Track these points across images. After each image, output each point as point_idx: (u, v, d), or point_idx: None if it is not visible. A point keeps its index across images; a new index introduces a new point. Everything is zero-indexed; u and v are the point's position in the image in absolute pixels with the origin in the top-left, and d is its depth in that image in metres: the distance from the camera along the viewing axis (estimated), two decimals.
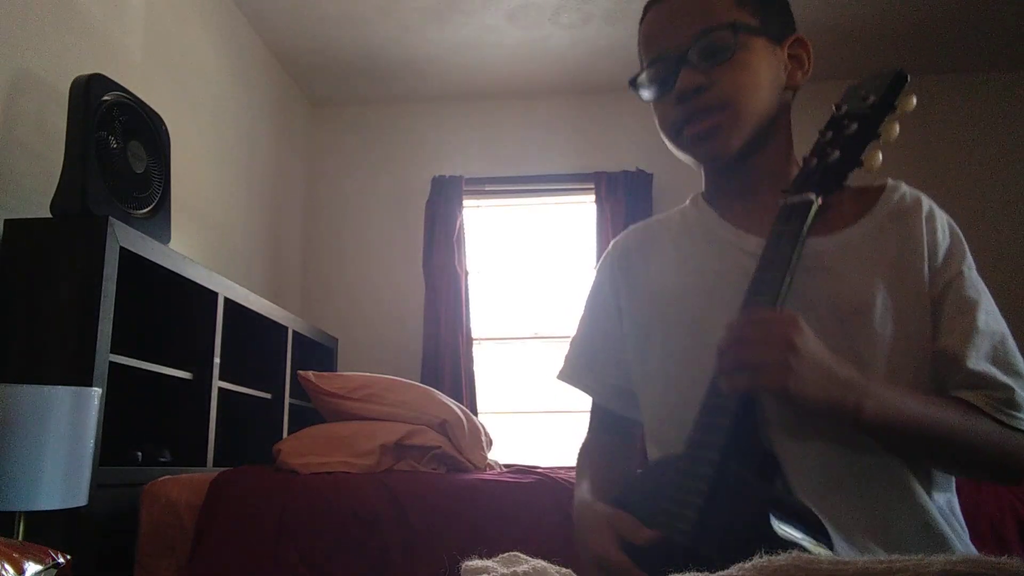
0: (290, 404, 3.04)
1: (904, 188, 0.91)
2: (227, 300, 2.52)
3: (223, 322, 2.48)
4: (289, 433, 2.78)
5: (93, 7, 2.34)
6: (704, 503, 0.72)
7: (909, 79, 0.82)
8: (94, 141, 1.92)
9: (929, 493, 0.81)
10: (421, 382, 3.26)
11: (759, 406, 0.79)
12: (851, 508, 0.78)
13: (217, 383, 2.42)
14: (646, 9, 0.95)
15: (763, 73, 0.89)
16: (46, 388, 1.47)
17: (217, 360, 2.42)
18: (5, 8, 1.99)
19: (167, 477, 2.02)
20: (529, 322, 3.99)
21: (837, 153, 0.79)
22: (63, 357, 1.79)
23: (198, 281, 2.32)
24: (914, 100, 0.81)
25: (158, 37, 2.71)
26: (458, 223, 3.89)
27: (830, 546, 0.70)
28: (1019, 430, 0.77)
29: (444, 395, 2.39)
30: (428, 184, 3.98)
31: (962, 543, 0.81)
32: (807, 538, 0.69)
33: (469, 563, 0.51)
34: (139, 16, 2.60)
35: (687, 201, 1.02)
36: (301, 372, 2.43)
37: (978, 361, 0.79)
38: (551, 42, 3.59)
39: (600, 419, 1.06)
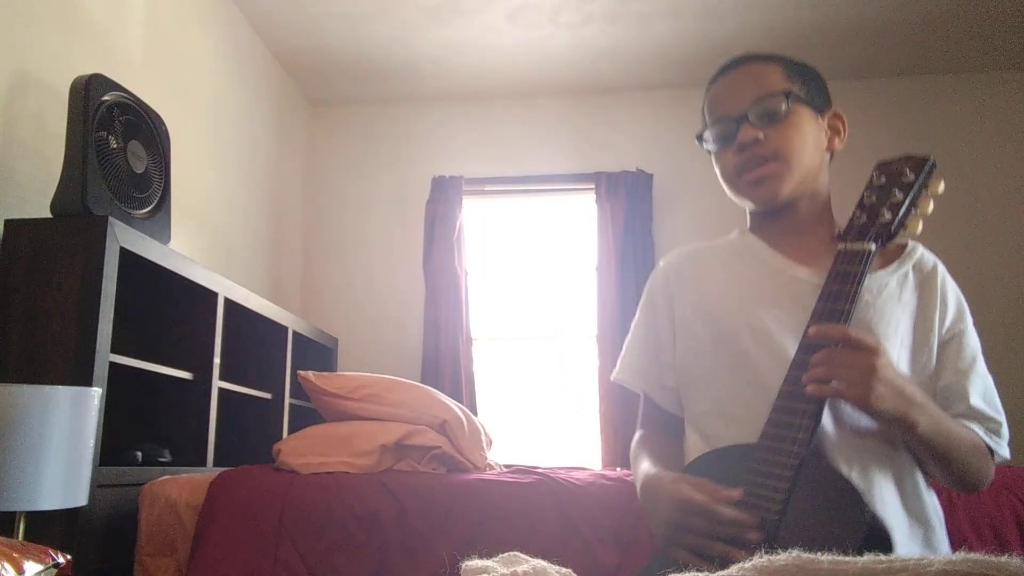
0: (290, 404, 3.04)
1: (922, 249, 1.13)
2: (227, 300, 2.52)
3: (223, 322, 2.48)
4: (289, 433, 2.78)
5: (93, 7, 2.34)
6: (789, 487, 0.87)
7: (937, 166, 1.00)
8: (94, 141, 1.92)
9: (927, 490, 1.04)
10: (421, 382, 3.26)
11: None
12: (885, 492, 0.98)
13: (217, 383, 2.42)
14: (713, 79, 1.18)
15: (808, 135, 1.09)
16: (46, 388, 1.47)
17: (217, 360, 2.42)
18: (5, 8, 1.99)
19: (167, 477, 2.01)
20: (529, 322, 3.99)
21: (889, 215, 0.98)
22: (63, 357, 1.79)
23: (198, 281, 2.32)
24: (942, 185, 0.99)
25: (158, 37, 2.71)
26: (458, 223, 3.89)
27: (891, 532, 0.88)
28: (996, 454, 1.01)
29: (444, 395, 2.39)
30: (428, 184, 3.98)
31: (940, 533, 1.02)
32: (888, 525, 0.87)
33: (469, 563, 0.51)
34: (139, 16, 2.60)
35: (733, 233, 1.22)
36: (301, 372, 2.43)
37: (977, 399, 1.02)
38: (551, 42, 3.59)
39: (650, 415, 1.22)
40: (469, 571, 0.50)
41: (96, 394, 1.57)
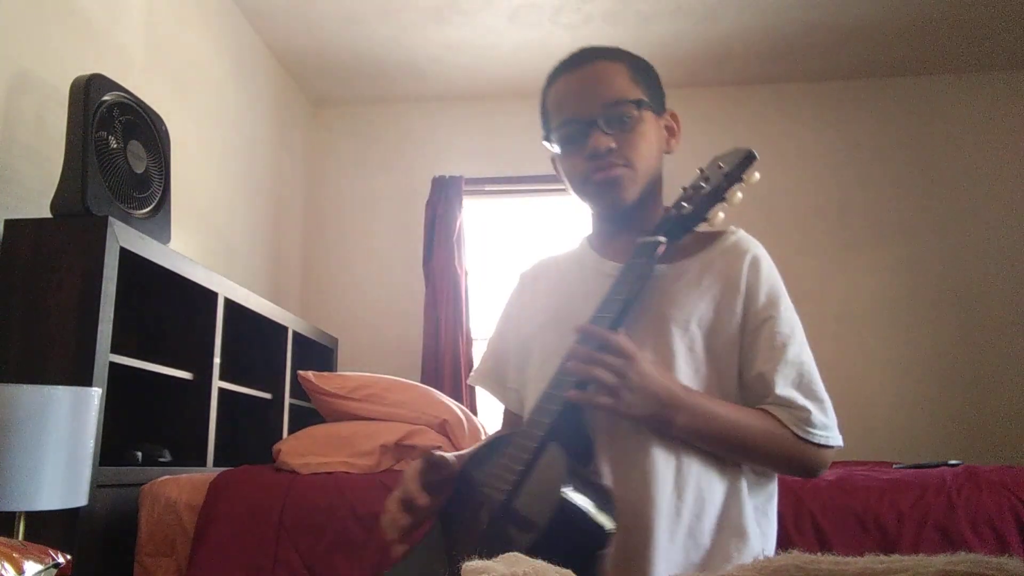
0: (290, 404, 3.04)
1: (739, 235, 1.11)
2: (227, 300, 2.52)
3: (223, 322, 2.48)
4: (289, 433, 2.78)
5: (93, 7, 2.34)
6: (523, 469, 0.88)
7: (757, 158, 0.98)
8: (94, 141, 1.92)
9: (740, 493, 1.00)
10: (421, 382, 3.26)
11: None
12: (666, 495, 0.96)
13: (217, 383, 2.42)
14: (556, 74, 1.14)
15: (653, 139, 1.09)
16: (46, 388, 1.47)
17: (217, 360, 2.42)
18: (5, 8, 1.99)
19: (167, 477, 2.01)
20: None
21: (690, 209, 0.98)
22: (63, 357, 1.79)
23: (198, 281, 2.32)
24: (757, 175, 0.98)
25: (158, 37, 2.71)
26: (458, 223, 3.89)
27: (613, 518, 0.85)
28: (810, 442, 0.98)
29: (444, 395, 2.39)
30: (428, 184, 3.98)
31: (762, 544, 1.00)
32: (592, 505, 0.84)
33: (469, 563, 0.51)
34: (139, 16, 2.60)
35: (580, 241, 1.24)
36: (301, 372, 2.44)
37: (785, 387, 1.00)
38: (551, 42, 3.59)
39: (505, 417, 1.27)
40: (469, 571, 0.50)
41: (96, 394, 1.57)
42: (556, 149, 1.13)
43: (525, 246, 4.08)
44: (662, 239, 0.98)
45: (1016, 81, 3.83)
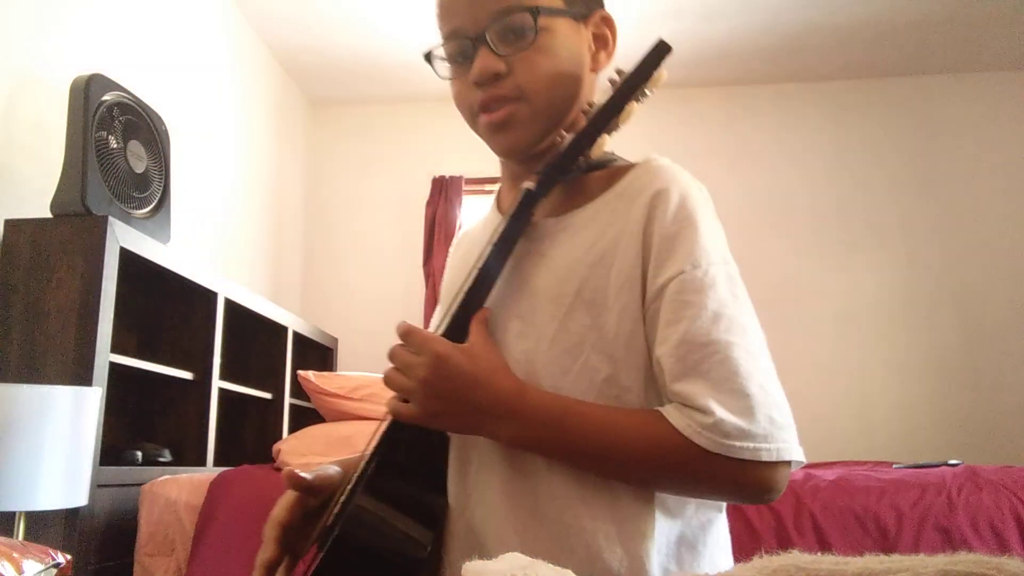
0: (290, 404, 3.04)
1: (653, 164, 0.79)
2: (227, 300, 2.52)
3: (223, 322, 2.48)
4: (289, 433, 2.78)
5: (93, 7, 2.34)
6: (352, 487, 0.76)
7: (670, 49, 0.72)
8: (94, 141, 1.92)
9: (640, 525, 0.72)
10: None
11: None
12: (531, 524, 0.73)
13: (217, 383, 2.42)
14: None
15: (565, 58, 0.80)
16: (46, 388, 1.48)
17: (217, 360, 2.42)
18: (5, 8, 1.99)
19: (167, 477, 2.01)
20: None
21: (569, 139, 0.74)
22: (63, 357, 1.79)
23: (198, 281, 2.32)
24: (665, 74, 0.72)
25: (158, 37, 2.71)
26: (458, 223, 3.89)
27: (428, 538, 0.73)
28: (724, 456, 0.66)
29: None
30: (428, 184, 3.98)
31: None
32: (396, 522, 0.72)
33: (469, 563, 0.51)
34: (139, 16, 2.60)
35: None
36: (301, 372, 2.44)
37: (681, 377, 0.69)
38: None
39: None
40: (469, 571, 0.50)
41: (96, 394, 1.57)
42: (440, 72, 0.86)
43: None
44: (529, 185, 0.74)
45: (1016, 81, 3.83)
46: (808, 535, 1.75)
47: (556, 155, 0.75)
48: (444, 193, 3.92)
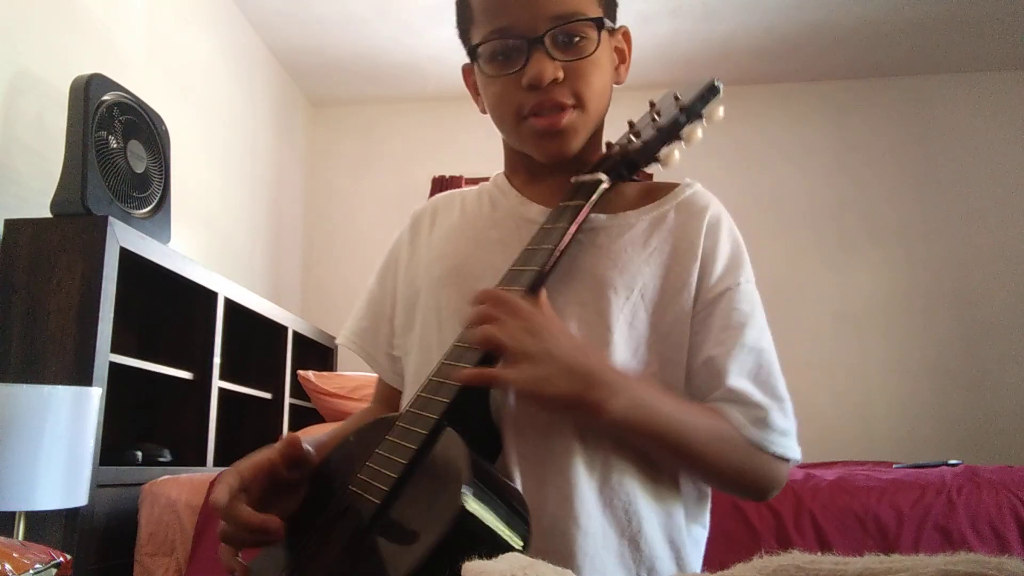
0: (290, 404, 3.04)
1: (697, 188, 0.87)
2: (227, 300, 2.52)
3: (223, 322, 2.48)
4: (289, 433, 2.78)
5: (93, 7, 2.34)
6: (406, 465, 0.65)
7: (721, 90, 0.80)
8: (94, 141, 1.92)
9: (679, 511, 0.78)
10: None
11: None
12: (590, 509, 0.74)
13: (217, 383, 2.42)
14: None
15: (608, 71, 0.84)
16: (46, 388, 1.47)
17: (217, 360, 2.42)
18: (5, 8, 1.99)
19: (167, 477, 2.01)
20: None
21: (639, 145, 0.78)
22: (63, 357, 1.79)
23: (198, 281, 2.32)
24: (722, 111, 0.79)
25: (158, 37, 2.71)
26: None
27: (525, 534, 0.64)
28: (766, 451, 0.75)
29: None
30: (428, 184, 3.98)
31: (688, 558, 0.78)
32: (498, 517, 0.62)
33: (469, 563, 0.51)
34: (139, 16, 2.60)
35: (495, 175, 0.97)
36: (301, 372, 2.44)
37: (739, 378, 0.76)
38: None
39: (377, 391, 0.99)
40: (469, 571, 0.50)
41: (96, 394, 1.57)
42: (484, 69, 0.83)
43: None
44: (603, 177, 0.77)
45: (1016, 81, 3.83)
46: (808, 535, 1.75)
47: (623, 155, 0.79)
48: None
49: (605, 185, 0.77)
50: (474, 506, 0.60)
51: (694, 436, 0.73)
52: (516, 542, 0.62)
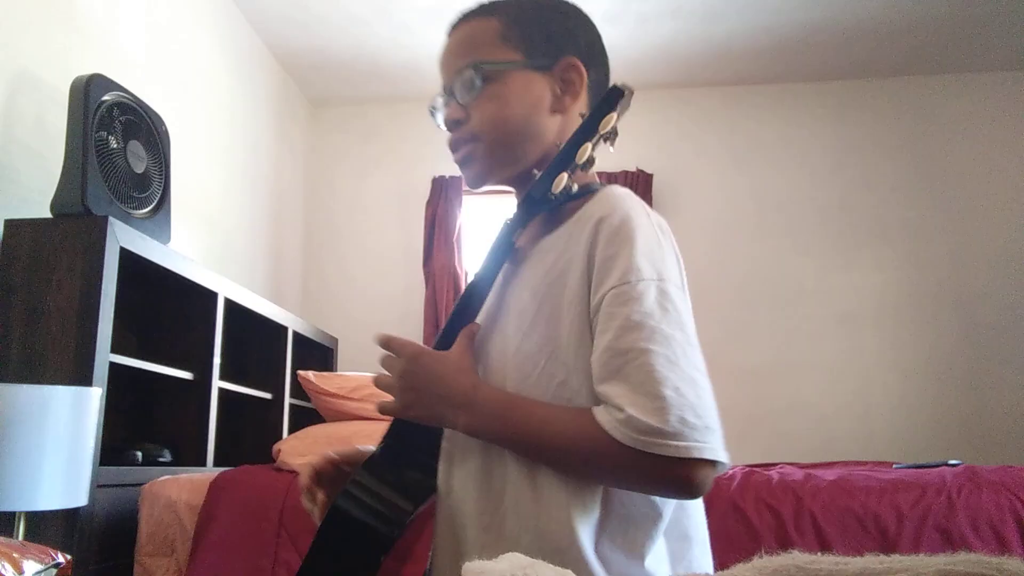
0: (290, 404, 3.04)
1: (605, 193, 0.88)
2: (227, 300, 2.52)
3: (223, 322, 2.48)
4: (289, 433, 2.78)
5: (93, 7, 2.34)
6: (362, 473, 0.88)
7: (624, 93, 0.82)
8: (94, 141, 1.92)
9: (576, 515, 0.79)
10: None
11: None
12: (493, 506, 0.85)
13: (217, 383, 2.42)
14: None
15: (512, 102, 0.92)
16: (46, 388, 1.48)
17: (217, 360, 2.42)
18: (5, 8, 1.99)
19: (167, 477, 2.02)
20: None
21: (536, 175, 0.85)
22: (63, 357, 1.79)
23: (198, 281, 2.32)
24: (615, 117, 0.82)
25: (158, 37, 2.71)
26: (458, 223, 3.89)
27: (403, 519, 0.84)
28: (641, 451, 0.73)
29: None
30: (428, 184, 3.98)
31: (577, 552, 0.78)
32: (370, 506, 0.84)
33: (469, 563, 0.51)
34: (139, 16, 2.60)
35: None
36: (301, 372, 2.44)
37: (603, 381, 0.77)
38: None
39: None
40: (469, 571, 0.50)
41: (96, 394, 1.57)
42: (436, 121, 1.02)
43: None
44: (509, 217, 0.87)
45: (1016, 81, 3.83)
46: (808, 535, 1.75)
47: (528, 190, 0.85)
48: (444, 193, 3.92)
49: (507, 222, 0.87)
50: (341, 500, 0.84)
51: (554, 440, 0.80)
52: (382, 528, 0.82)
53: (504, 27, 0.93)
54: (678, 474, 0.74)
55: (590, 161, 0.83)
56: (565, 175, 0.83)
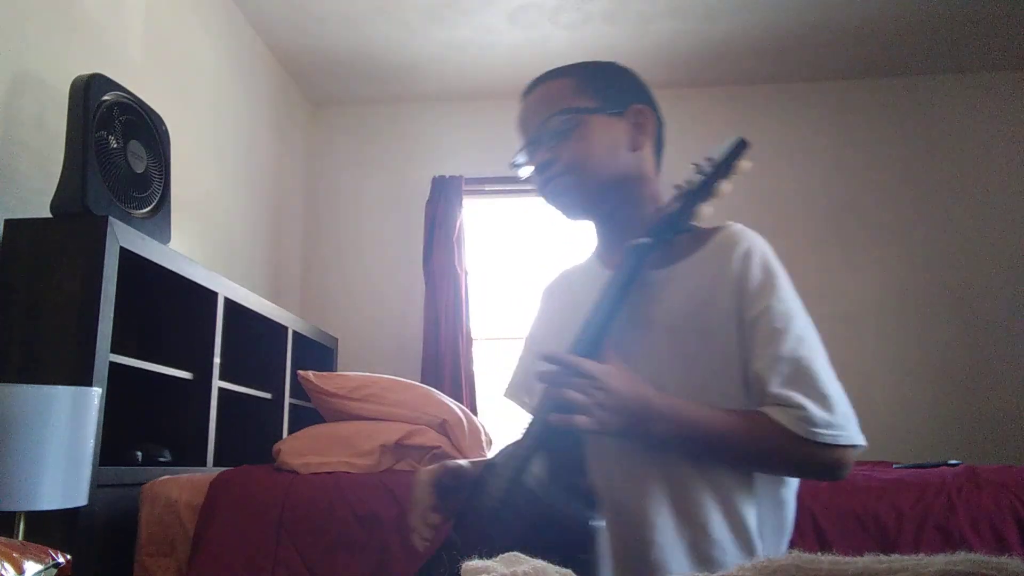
0: (290, 404, 3.04)
1: (734, 228, 1.06)
2: (227, 300, 2.52)
3: (223, 322, 2.48)
4: (289, 433, 2.78)
5: (93, 7, 2.34)
6: (512, 477, 0.93)
7: (748, 145, 0.99)
8: (94, 141, 1.92)
9: (742, 501, 0.97)
10: (421, 382, 3.26)
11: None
12: (660, 508, 0.97)
13: (217, 383, 2.42)
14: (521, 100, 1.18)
15: (600, 141, 1.08)
16: (46, 388, 1.47)
17: (217, 360, 2.42)
18: (5, 8, 1.99)
19: (167, 477, 2.01)
20: (529, 322, 3.98)
21: (676, 207, 0.98)
22: (63, 357, 1.79)
23: (198, 281, 2.32)
24: (748, 164, 0.99)
25: (158, 37, 2.71)
26: (458, 223, 3.89)
27: (593, 521, 0.86)
28: (816, 442, 0.91)
29: (444, 395, 2.39)
30: (428, 184, 3.98)
31: (769, 553, 0.95)
32: (571, 507, 0.87)
33: (469, 563, 0.51)
34: (139, 16, 2.60)
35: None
36: (301, 372, 2.43)
37: (778, 384, 0.94)
38: (551, 42, 3.59)
39: None
40: (469, 571, 0.50)
41: (96, 394, 1.57)
42: (521, 174, 1.17)
43: (525, 246, 4.08)
44: (647, 240, 0.97)
45: (1016, 81, 3.83)
46: (808, 535, 1.75)
47: (665, 218, 0.98)
48: (444, 193, 3.92)
49: (648, 244, 0.97)
50: (551, 500, 0.89)
51: (733, 439, 0.94)
52: (589, 526, 0.85)
53: (578, 83, 1.11)
54: (839, 458, 0.93)
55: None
56: (707, 207, 0.97)
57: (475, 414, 3.08)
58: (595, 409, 0.90)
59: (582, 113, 1.08)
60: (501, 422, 3.68)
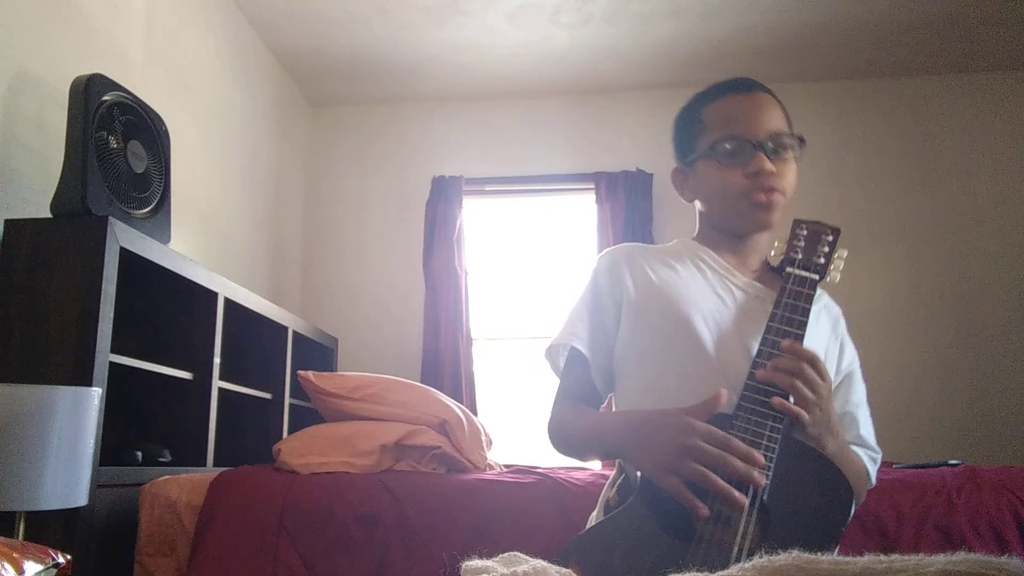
0: (290, 404, 3.04)
1: (827, 296, 1.33)
2: (227, 300, 2.52)
3: (223, 322, 2.48)
4: (289, 433, 2.78)
5: (93, 7, 2.34)
6: (775, 457, 1.00)
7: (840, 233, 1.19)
8: (94, 141, 1.92)
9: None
10: (421, 382, 3.26)
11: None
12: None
13: (217, 383, 2.42)
14: (719, 92, 1.24)
15: (796, 174, 1.25)
16: (46, 388, 1.47)
17: (217, 360, 2.42)
18: (5, 8, 1.99)
19: (167, 477, 2.01)
20: (529, 322, 3.99)
21: (822, 259, 1.16)
22: (63, 357, 1.79)
23: (198, 281, 2.32)
24: (845, 252, 1.20)
25: (158, 37, 2.71)
26: (458, 223, 3.89)
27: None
28: (870, 479, 1.20)
29: (444, 395, 2.39)
30: (428, 184, 3.98)
31: None
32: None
33: (469, 563, 0.51)
34: (139, 16, 2.60)
35: (673, 242, 1.32)
36: (301, 372, 2.43)
37: (867, 429, 1.22)
38: (551, 42, 3.59)
39: (574, 390, 1.25)
40: (469, 571, 0.50)
41: (96, 394, 1.57)
42: (719, 160, 1.20)
43: (525, 246, 4.08)
44: (815, 277, 1.14)
45: (1016, 81, 3.83)
46: None
47: (819, 264, 1.16)
48: (444, 193, 3.92)
49: (817, 284, 1.14)
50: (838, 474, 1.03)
51: (851, 469, 1.11)
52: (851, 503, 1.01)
53: (784, 113, 1.25)
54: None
55: None
56: (838, 272, 1.17)
57: (475, 414, 3.08)
58: (816, 410, 1.02)
59: (801, 146, 1.25)
60: (501, 422, 3.68)
